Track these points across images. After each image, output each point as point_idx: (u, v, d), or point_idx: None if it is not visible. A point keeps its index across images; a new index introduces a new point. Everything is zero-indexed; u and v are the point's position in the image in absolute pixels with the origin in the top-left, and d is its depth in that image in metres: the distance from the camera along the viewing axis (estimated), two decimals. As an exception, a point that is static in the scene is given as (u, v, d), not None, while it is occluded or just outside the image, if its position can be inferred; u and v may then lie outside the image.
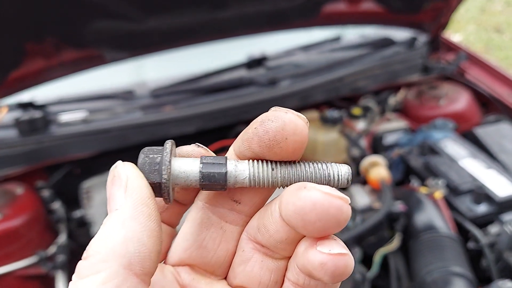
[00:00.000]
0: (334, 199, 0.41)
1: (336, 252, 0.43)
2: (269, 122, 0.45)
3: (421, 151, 2.18)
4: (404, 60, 2.51)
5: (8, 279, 1.89)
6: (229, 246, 0.51)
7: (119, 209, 0.42)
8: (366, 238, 1.83)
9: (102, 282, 0.39)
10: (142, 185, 0.44)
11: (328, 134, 2.21)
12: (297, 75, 2.35)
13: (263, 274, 0.49)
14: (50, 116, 2.08)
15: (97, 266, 0.39)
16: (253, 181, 0.47)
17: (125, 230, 0.41)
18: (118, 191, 0.43)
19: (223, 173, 0.46)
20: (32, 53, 1.87)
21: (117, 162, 0.46)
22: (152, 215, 0.42)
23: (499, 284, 1.51)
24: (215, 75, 2.39)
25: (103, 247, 0.40)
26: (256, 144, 0.46)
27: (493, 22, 6.89)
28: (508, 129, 2.25)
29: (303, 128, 0.45)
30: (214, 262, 0.51)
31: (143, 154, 0.47)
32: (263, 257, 0.49)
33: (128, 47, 2.08)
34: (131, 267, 0.40)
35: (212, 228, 0.51)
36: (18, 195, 2.00)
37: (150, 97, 2.27)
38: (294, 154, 0.46)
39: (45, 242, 2.01)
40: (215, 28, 2.16)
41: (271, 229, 0.47)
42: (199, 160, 0.47)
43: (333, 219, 0.42)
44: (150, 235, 0.41)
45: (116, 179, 0.44)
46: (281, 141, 0.45)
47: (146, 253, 0.41)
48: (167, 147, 0.46)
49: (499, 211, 1.83)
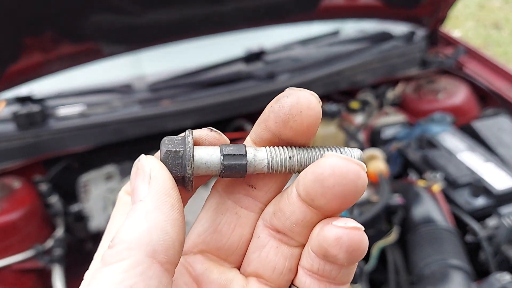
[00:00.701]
0: (352, 164, 0.43)
1: (352, 225, 0.44)
2: (284, 98, 0.46)
3: (419, 144, 2.18)
4: (402, 54, 2.51)
5: (5, 273, 1.89)
6: (244, 232, 0.51)
7: (143, 200, 0.43)
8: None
9: (127, 269, 0.39)
10: (165, 176, 0.45)
11: (326, 128, 2.20)
12: (295, 69, 2.35)
13: (278, 260, 0.49)
14: (48, 110, 2.07)
15: (122, 254, 0.40)
16: (271, 166, 0.48)
17: (149, 220, 0.42)
18: (142, 183, 0.44)
19: (244, 164, 0.47)
20: (30, 47, 1.87)
21: (141, 155, 0.47)
22: (175, 206, 0.43)
23: (497, 277, 1.51)
24: (213, 69, 2.39)
25: (128, 236, 0.41)
26: (272, 121, 0.47)
27: (491, 18, 6.88)
28: (506, 123, 2.24)
29: (317, 104, 0.46)
30: (228, 247, 0.51)
31: (164, 147, 0.47)
32: (278, 243, 0.49)
33: (126, 41, 2.08)
34: (155, 255, 0.40)
35: (227, 213, 0.51)
36: (15, 189, 2.00)
37: (148, 91, 2.27)
38: (309, 130, 0.47)
39: (42, 236, 2.01)
40: (213, 22, 2.15)
41: (287, 211, 0.47)
42: (219, 150, 0.48)
43: (351, 184, 0.42)
44: (173, 225, 0.42)
45: (140, 172, 0.45)
46: (296, 114, 0.46)
47: (169, 242, 0.41)
48: (189, 140, 0.47)
49: (497, 204, 1.83)
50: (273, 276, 0.50)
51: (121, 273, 0.39)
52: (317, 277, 0.47)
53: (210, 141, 0.50)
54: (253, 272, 0.51)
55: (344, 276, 0.47)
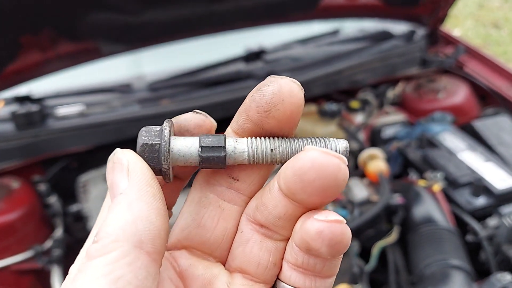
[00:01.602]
0: (332, 158, 0.42)
1: (333, 218, 0.43)
2: (265, 86, 0.46)
3: (419, 144, 2.18)
4: (402, 54, 2.51)
5: (4, 274, 1.89)
6: (227, 225, 0.51)
7: (124, 192, 0.43)
8: (364, 231, 1.83)
9: (114, 261, 0.39)
10: (143, 167, 0.44)
11: (327, 127, 2.20)
12: (295, 68, 2.35)
13: (262, 255, 0.49)
14: (47, 110, 2.07)
15: (108, 246, 0.39)
16: (252, 158, 0.48)
17: (133, 211, 0.41)
18: (121, 175, 0.44)
19: (222, 156, 0.47)
20: (28, 46, 1.86)
21: (116, 149, 0.46)
22: (157, 195, 0.43)
23: (498, 277, 1.50)
24: (213, 68, 2.38)
25: (113, 229, 0.40)
26: (254, 111, 0.46)
27: (491, 17, 6.89)
28: (506, 122, 2.24)
29: (299, 91, 0.45)
30: (212, 241, 0.51)
31: (141, 140, 0.46)
32: (262, 238, 0.49)
33: (125, 40, 2.07)
34: (142, 245, 0.40)
35: (210, 207, 0.51)
36: (14, 189, 1.99)
37: (148, 91, 2.26)
38: (292, 118, 0.46)
39: (41, 237, 2.00)
40: (212, 21, 2.15)
41: (269, 205, 0.47)
42: (198, 142, 0.47)
43: (331, 177, 0.42)
44: (157, 214, 0.42)
45: (117, 165, 0.45)
46: (278, 103, 0.45)
47: (155, 231, 0.41)
48: (165, 133, 0.46)
49: (498, 203, 1.82)
50: (257, 271, 0.49)
51: (108, 264, 0.39)
52: (302, 271, 0.46)
53: (196, 123, 0.50)
54: (238, 268, 0.50)
55: (329, 269, 0.46)
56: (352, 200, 1.89)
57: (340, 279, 1.69)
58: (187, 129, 0.50)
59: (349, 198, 1.90)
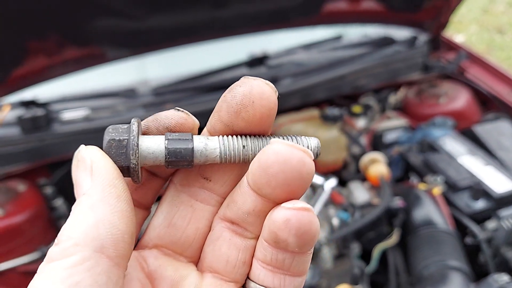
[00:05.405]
0: (296, 151, 0.41)
1: (300, 206, 0.42)
2: (237, 87, 0.45)
3: (420, 148, 2.19)
4: (404, 59, 2.52)
5: (11, 275, 1.90)
6: (199, 225, 0.50)
7: (87, 193, 0.41)
8: (365, 234, 1.85)
9: (73, 265, 0.38)
10: (108, 166, 0.43)
11: (329, 132, 2.21)
12: (298, 73, 2.36)
13: (230, 252, 0.48)
14: (53, 114, 2.09)
15: (68, 250, 0.38)
16: (224, 156, 0.47)
17: (95, 213, 0.40)
18: (84, 175, 0.42)
19: (189, 148, 0.46)
20: (34, 51, 1.89)
21: (80, 146, 0.44)
22: (121, 196, 0.42)
23: (495, 278, 1.52)
24: (217, 73, 2.39)
25: (74, 232, 0.39)
26: (224, 111, 0.46)
27: (495, 23, 6.88)
28: (506, 127, 2.25)
29: (271, 94, 0.45)
30: (183, 241, 0.50)
31: (107, 136, 0.45)
32: (231, 235, 0.48)
33: (130, 45, 2.09)
34: (103, 250, 0.39)
35: (182, 206, 0.50)
36: (20, 192, 2.01)
37: (152, 95, 2.28)
38: (262, 121, 0.46)
39: (47, 239, 2.01)
40: (216, 26, 2.17)
41: (239, 201, 0.46)
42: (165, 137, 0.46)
43: (295, 171, 0.41)
44: (121, 217, 0.41)
45: (80, 164, 0.43)
46: (248, 104, 0.44)
47: (118, 235, 0.40)
48: (134, 128, 0.45)
49: (497, 207, 1.84)
50: (226, 269, 0.48)
51: (67, 268, 0.38)
52: (271, 269, 0.45)
53: (177, 121, 0.48)
54: (208, 267, 0.49)
55: (298, 265, 0.45)
56: (353, 203, 1.91)
57: (341, 279, 1.71)
58: (167, 126, 0.48)
59: (351, 201, 1.93)
